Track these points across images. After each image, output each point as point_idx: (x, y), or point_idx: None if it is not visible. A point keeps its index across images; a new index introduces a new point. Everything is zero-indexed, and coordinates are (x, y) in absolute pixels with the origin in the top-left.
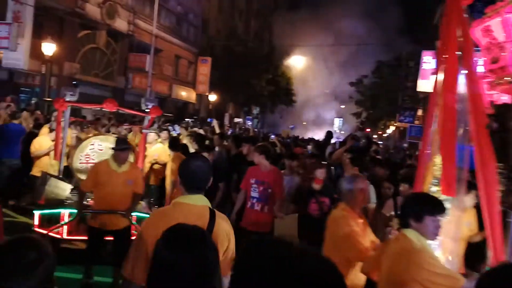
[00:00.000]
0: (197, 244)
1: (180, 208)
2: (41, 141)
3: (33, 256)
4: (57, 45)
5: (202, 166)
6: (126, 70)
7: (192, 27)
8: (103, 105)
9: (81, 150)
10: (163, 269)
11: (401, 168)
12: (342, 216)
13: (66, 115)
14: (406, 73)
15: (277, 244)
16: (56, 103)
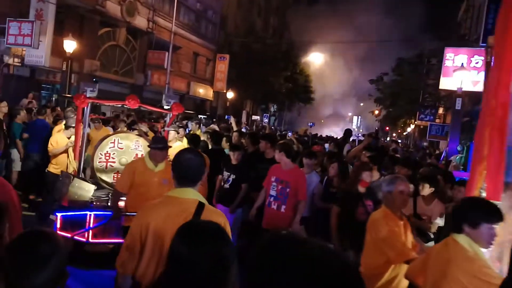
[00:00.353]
0: (213, 240)
1: (167, 201)
2: (58, 139)
3: (45, 249)
4: (78, 43)
5: (192, 159)
6: (145, 67)
7: (211, 24)
8: (125, 101)
9: (101, 148)
10: (179, 265)
11: (420, 167)
12: (381, 218)
13: (86, 112)
14: (427, 70)
15: (293, 240)
16: (76, 99)
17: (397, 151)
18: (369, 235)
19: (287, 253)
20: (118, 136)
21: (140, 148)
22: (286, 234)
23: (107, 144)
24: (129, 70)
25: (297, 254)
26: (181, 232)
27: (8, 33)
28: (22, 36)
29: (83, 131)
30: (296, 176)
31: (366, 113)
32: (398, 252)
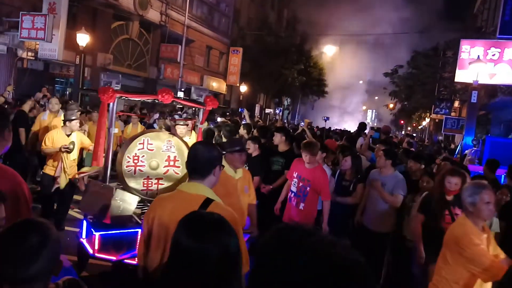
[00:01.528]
0: (214, 231)
1: (176, 195)
2: (55, 137)
3: (35, 240)
4: (91, 36)
5: (200, 151)
6: (158, 60)
7: (224, 17)
8: (158, 96)
9: (130, 151)
10: (180, 255)
11: (433, 161)
12: (464, 234)
13: (113, 109)
14: (443, 63)
15: (303, 233)
16: (103, 93)
17: (412, 145)
18: (448, 251)
19: (292, 245)
20: (147, 136)
21: (173, 149)
22: (294, 225)
23: (136, 146)
24: (142, 64)
25: (302, 246)
26: (183, 222)
27: (22, 27)
28: (36, 30)
29: (109, 130)
30: (317, 176)
31: (381, 107)
32: (488, 272)
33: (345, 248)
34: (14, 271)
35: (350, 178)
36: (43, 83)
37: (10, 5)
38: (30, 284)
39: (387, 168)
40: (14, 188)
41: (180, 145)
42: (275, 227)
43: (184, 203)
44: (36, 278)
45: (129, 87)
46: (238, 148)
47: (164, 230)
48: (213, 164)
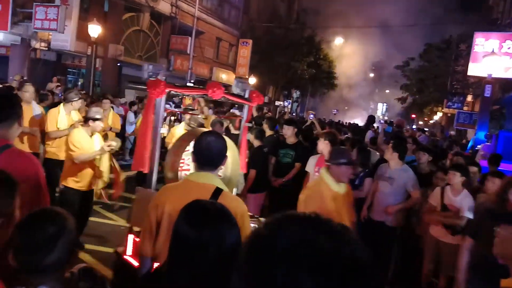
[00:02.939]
0: (214, 220)
1: (185, 185)
2: (81, 139)
3: (52, 230)
4: (102, 27)
5: (213, 142)
6: (168, 52)
7: (234, 9)
8: (207, 91)
9: (186, 153)
10: (182, 246)
11: (445, 155)
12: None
13: (161, 105)
14: (456, 56)
15: (306, 223)
16: (153, 87)
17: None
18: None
19: (290, 239)
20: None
21: None
22: (292, 215)
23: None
24: (153, 55)
25: (303, 240)
26: (183, 210)
27: (35, 18)
28: (48, 20)
29: (157, 130)
30: None
31: (391, 100)
32: None
33: (354, 244)
34: (31, 260)
35: (357, 172)
36: (55, 74)
37: None
38: (46, 273)
39: (395, 162)
40: (35, 170)
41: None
42: (270, 218)
43: (194, 193)
44: (52, 268)
45: (139, 78)
46: (345, 160)
47: (174, 219)
48: (224, 156)
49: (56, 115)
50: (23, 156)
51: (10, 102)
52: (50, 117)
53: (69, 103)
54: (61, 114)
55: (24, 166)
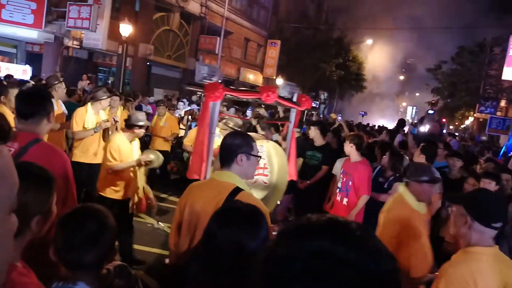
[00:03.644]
0: (245, 223)
1: (208, 183)
2: (121, 145)
3: (93, 227)
4: (133, 27)
5: (225, 140)
6: (197, 52)
7: (263, 9)
8: (262, 94)
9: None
10: (210, 243)
11: (476, 161)
12: None
13: (215, 109)
14: (489, 60)
15: (323, 232)
16: (212, 90)
17: (451, 144)
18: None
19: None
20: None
21: (264, 156)
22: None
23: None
24: (182, 55)
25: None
26: (218, 212)
27: (68, 17)
28: (81, 19)
29: (211, 137)
30: (359, 170)
31: (422, 104)
32: None
33: (376, 253)
34: (73, 256)
35: (387, 176)
36: (86, 72)
37: None
38: (87, 269)
39: None
40: (64, 164)
41: (270, 150)
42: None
43: (214, 190)
44: (92, 265)
45: (168, 78)
46: (427, 178)
47: (195, 216)
48: (234, 152)
49: (83, 114)
50: (53, 150)
51: (39, 98)
52: (77, 116)
53: (97, 102)
54: (88, 114)
55: (53, 160)
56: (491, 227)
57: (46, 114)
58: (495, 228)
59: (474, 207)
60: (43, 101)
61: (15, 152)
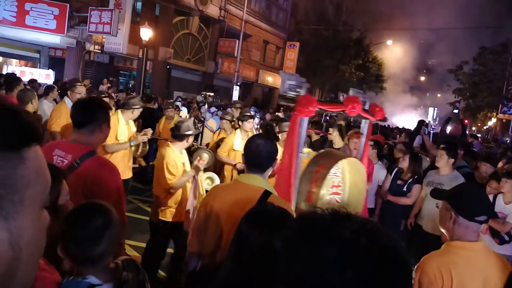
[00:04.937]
0: (275, 225)
1: (235, 186)
2: (177, 161)
3: (100, 222)
4: (153, 31)
5: (262, 145)
6: (216, 55)
7: (282, 12)
8: (347, 107)
9: (328, 183)
10: (241, 245)
11: (497, 162)
12: None
13: (304, 125)
14: None
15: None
16: (305, 104)
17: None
18: None
19: (318, 235)
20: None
21: (338, 174)
22: (317, 213)
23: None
24: (201, 58)
25: (330, 236)
26: (249, 214)
27: (90, 22)
28: (102, 24)
29: (299, 157)
30: (367, 167)
31: (443, 105)
32: None
33: (379, 233)
34: (80, 251)
35: (406, 178)
36: (108, 76)
37: (80, 1)
38: (94, 263)
39: (447, 168)
40: (116, 180)
41: (344, 167)
42: (298, 216)
43: (244, 194)
44: (100, 258)
45: (188, 81)
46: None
47: (224, 218)
48: (273, 159)
49: (115, 125)
50: (107, 165)
51: (92, 107)
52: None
53: (129, 111)
54: (120, 124)
55: (107, 175)
56: (475, 221)
57: (100, 124)
58: (479, 222)
59: (457, 202)
60: (96, 110)
61: (69, 164)
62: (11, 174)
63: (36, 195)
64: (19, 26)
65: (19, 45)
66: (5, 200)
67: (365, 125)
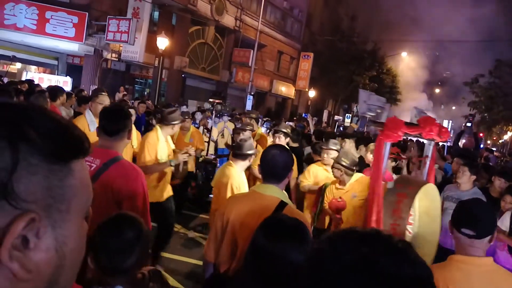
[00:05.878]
0: (290, 236)
1: (251, 196)
2: (242, 180)
3: (131, 235)
4: (170, 40)
5: (278, 155)
6: (230, 64)
7: (296, 23)
8: (423, 129)
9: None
10: (256, 255)
11: None
12: None
13: (387, 150)
14: None
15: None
16: (393, 128)
17: (489, 159)
18: None
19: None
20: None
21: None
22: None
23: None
24: (216, 67)
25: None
26: (264, 224)
27: (108, 30)
28: (120, 33)
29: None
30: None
31: (458, 117)
32: None
33: (414, 262)
34: (111, 262)
35: None
36: (124, 83)
37: (99, 10)
38: (125, 274)
39: (468, 184)
40: (142, 183)
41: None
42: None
43: (260, 204)
44: (130, 269)
45: (202, 90)
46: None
47: (239, 228)
48: (289, 169)
49: (155, 142)
50: (133, 169)
51: (123, 116)
52: (148, 144)
53: (168, 126)
54: (160, 141)
55: (133, 179)
56: (462, 233)
57: (127, 130)
58: (467, 236)
59: (453, 213)
60: (126, 118)
61: (97, 169)
62: (60, 185)
63: (81, 205)
64: (39, 33)
65: (38, 52)
66: (53, 209)
67: (430, 146)
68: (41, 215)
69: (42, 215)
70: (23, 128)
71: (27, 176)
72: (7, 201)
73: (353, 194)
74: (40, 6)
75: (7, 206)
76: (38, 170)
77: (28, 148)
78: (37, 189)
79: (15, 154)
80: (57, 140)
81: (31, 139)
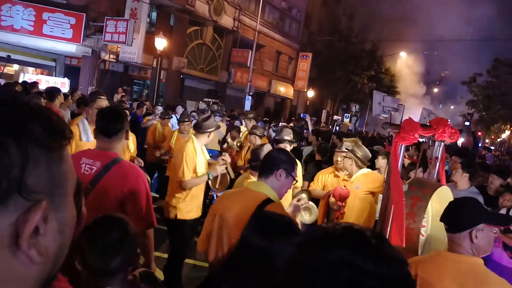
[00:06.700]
0: (280, 233)
1: (243, 192)
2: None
3: (117, 235)
4: (168, 41)
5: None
6: (229, 65)
7: (295, 23)
8: (437, 130)
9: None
10: (245, 252)
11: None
12: None
13: (402, 152)
14: None
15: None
16: (409, 130)
17: (485, 158)
18: None
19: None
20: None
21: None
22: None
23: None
24: (214, 68)
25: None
26: (253, 221)
27: (106, 31)
28: (118, 33)
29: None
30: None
31: (456, 117)
32: None
33: (390, 260)
34: (98, 263)
35: None
36: (122, 84)
37: (96, 11)
38: (112, 275)
39: (463, 182)
40: (144, 181)
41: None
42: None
43: (247, 200)
44: (118, 270)
45: (200, 90)
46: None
47: (227, 224)
48: (276, 165)
49: (193, 155)
50: (134, 169)
51: (121, 116)
52: (188, 158)
53: (204, 135)
54: (198, 153)
55: (135, 179)
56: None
57: (125, 131)
58: (446, 230)
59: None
60: (123, 118)
61: (98, 170)
62: (59, 171)
63: (72, 186)
64: (36, 35)
65: (35, 54)
66: (55, 195)
67: (439, 148)
68: (47, 202)
69: (48, 202)
70: (23, 123)
71: (34, 168)
72: (20, 195)
73: (356, 185)
74: (37, 7)
75: (20, 199)
76: (41, 160)
77: (31, 141)
78: (43, 179)
79: (23, 150)
80: (51, 130)
81: (32, 132)
